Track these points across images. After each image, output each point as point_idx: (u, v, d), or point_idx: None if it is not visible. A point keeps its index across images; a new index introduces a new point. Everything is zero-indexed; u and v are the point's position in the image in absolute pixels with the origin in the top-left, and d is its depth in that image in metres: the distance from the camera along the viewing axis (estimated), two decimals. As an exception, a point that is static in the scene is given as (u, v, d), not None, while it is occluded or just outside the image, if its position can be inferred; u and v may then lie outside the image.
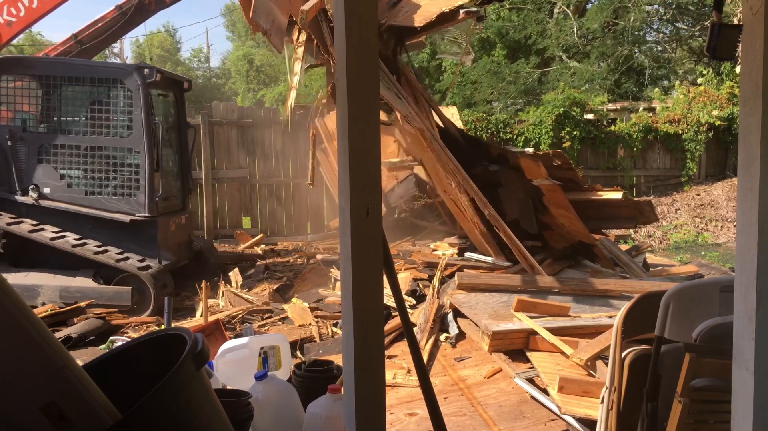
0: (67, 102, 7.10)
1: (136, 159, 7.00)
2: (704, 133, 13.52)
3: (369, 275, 1.47)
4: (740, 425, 1.59)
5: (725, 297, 2.08)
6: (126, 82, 6.86)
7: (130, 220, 6.91)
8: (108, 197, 7.02)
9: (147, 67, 6.95)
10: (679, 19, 19.05)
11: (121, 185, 7.04)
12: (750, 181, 1.52)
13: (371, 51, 1.44)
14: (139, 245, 7.00)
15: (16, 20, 6.89)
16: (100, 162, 7.04)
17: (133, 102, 6.89)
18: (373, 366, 1.50)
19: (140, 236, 7.02)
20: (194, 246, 8.13)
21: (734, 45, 1.71)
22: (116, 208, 6.97)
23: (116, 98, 6.97)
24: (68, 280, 6.70)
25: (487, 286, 5.84)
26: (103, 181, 7.05)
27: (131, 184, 7.01)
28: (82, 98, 7.05)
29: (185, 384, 1.30)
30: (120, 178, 7.06)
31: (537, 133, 12.65)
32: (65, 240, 6.75)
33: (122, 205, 6.99)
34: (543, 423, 3.85)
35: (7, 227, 6.67)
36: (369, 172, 1.46)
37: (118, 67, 7.04)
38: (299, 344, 5.36)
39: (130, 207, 6.98)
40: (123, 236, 6.98)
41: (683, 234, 11.47)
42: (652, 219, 7.61)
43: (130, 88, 6.87)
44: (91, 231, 6.97)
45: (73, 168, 7.07)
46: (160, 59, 30.28)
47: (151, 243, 7.04)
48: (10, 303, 1.20)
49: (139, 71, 6.85)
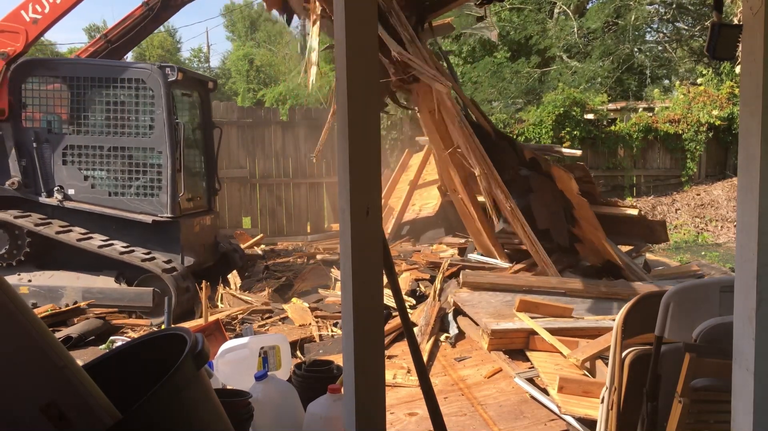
0: (90, 103, 7.09)
1: (158, 159, 6.99)
2: (704, 133, 13.52)
3: (369, 275, 1.47)
4: (740, 425, 1.59)
5: (725, 297, 2.08)
6: (148, 81, 6.86)
7: (152, 221, 6.89)
8: (131, 198, 7.02)
9: (169, 66, 6.96)
10: (679, 18, 19.05)
11: (144, 186, 7.03)
12: (750, 181, 1.52)
13: (371, 51, 1.44)
14: (162, 246, 6.97)
15: (41, 17, 6.89)
16: (123, 162, 7.05)
17: (155, 102, 6.88)
18: (373, 366, 1.50)
19: (163, 237, 6.99)
20: (220, 248, 8.03)
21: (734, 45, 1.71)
22: (139, 209, 6.97)
23: (139, 98, 6.97)
24: (91, 281, 6.69)
25: (491, 285, 5.82)
26: (126, 181, 7.05)
27: (153, 184, 7.00)
28: (105, 99, 7.05)
29: (185, 384, 1.30)
30: (143, 178, 7.06)
31: (537, 132, 12.65)
32: (89, 242, 6.73)
33: (145, 205, 6.98)
34: (543, 423, 3.85)
35: (35, 228, 6.68)
36: (369, 172, 1.46)
37: (140, 67, 7.02)
38: (299, 344, 5.37)
39: (153, 207, 6.96)
40: (147, 237, 6.97)
41: (683, 234, 11.47)
42: (663, 239, 7.50)
43: (152, 88, 6.87)
44: (116, 232, 6.97)
45: (97, 169, 7.08)
46: (160, 59, 30.26)
47: (174, 244, 7.02)
48: (9, 303, 1.20)
49: (161, 71, 6.85)
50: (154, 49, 30.54)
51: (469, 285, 5.80)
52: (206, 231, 7.72)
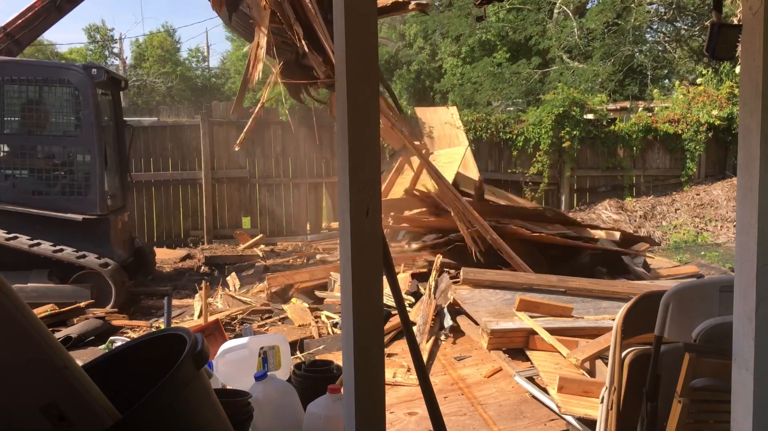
0: (14, 102, 7.06)
1: (86, 158, 7.00)
2: (704, 133, 13.51)
3: (369, 275, 1.47)
4: (740, 425, 1.59)
5: (725, 297, 2.08)
6: (74, 82, 6.85)
7: (82, 219, 6.90)
8: (57, 197, 7.00)
9: (95, 66, 6.99)
10: (678, 18, 19.05)
11: (71, 184, 7.03)
12: (750, 181, 1.52)
13: (371, 51, 1.44)
14: (92, 243, 6.99)
15: None
16: (48, 162, 7.04)
17: (81, 102, 6.87)
18: (372, 365, 1.50)
19: (93, 234, 7.02)
20: (135, 244, 8.18)
21: (734, 45, 1.71)
22: (66, 208, 6.95)
23: (64, 98, 6.97)
24: (23, 279, 6.66)
25: (491, 283, 5.82)
26: (51, 180, 7.04)
27: (81, 183, 7.00)
28: (29, 98, 7.03)
29: (185, 384, 1.30)
30: (69, 177, 7.06)
31: (537, 132, 12.64)
32: (19, 241, 6.70)
33: (72, 204, 6.97)
34: (543, 423, 3.85)
35: None
36: (369, 172, 1.46)
37: (66, 67, 7.07)
38: (299, 344, 5.36)
39: (81, 206, 6.96)
40: (75, 235, 6.96)
41: (683, 235, 11.47)
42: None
43: (78, 89, 6.85)
44: (41, 231, 6.92)
45: (20, 168, 7.06)
46: (160, 59, 30.24)
47: (104, 241, 7.07)
48: (9, 303, 1.19)
49: (87, 71, 6.86)
50: (154, 50, 30.50)
51: (469, 283, 5.80)
52: (125, 228, 7.84)
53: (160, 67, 29.63)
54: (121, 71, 27.38)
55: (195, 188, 10.89)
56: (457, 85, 17.74)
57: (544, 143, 12.55)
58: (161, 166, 10.77)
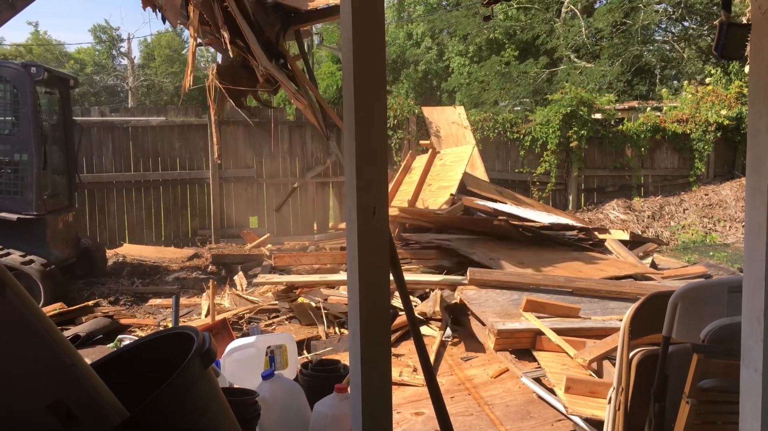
0: None
1: (23, 157, 6.92)
2: (712, 133, 13.44)
3: (376, 274, 1.47)
4: (748, 426, 1.58)
5: (733, 297, 2.07)
6: (13, 80, 6.80)
7: (17, 219, 6.84)
8: None
9: (34, 65, 6.91)
10: (687, 18, 18.95)
11: (6, 183, 6.96)
12: (758, 181, 1.51)
13: (379, 52, 1.44)
14: (27, 243, 6.90)
15: None
16: None
17: (20, 100, 6.81)
18: (379, 365, 1.50)
19: (28, 234, 6.94)
20: (82, 244, 8.08)
21: (743, 44, 1.70)
22: (2, 207, 6.89)
23: (2, 96, 6.89)
24: None
25: (498, 283, 5.80)
26: None
27: (17, 182, 6.93)
28: None
29: (193, 383, 1.31)
30: (5, 176, 6.98)
31: (544, 132, 12.60)
32: None
33: (7, 203, 6.90)
34: (550, 424, 3.84)
35: None
36: (376, 172, 1.46)
37: (4, 65, 6.99)
38: (306, 343, 5.37)
39: (17, 205, 6.89)
40: (9, 235, 6.88)
41: (691, 235, 11.42)
42: None
43: (16, 86, 6.80)
44: None
45: None
46: (168, 59, 30.36)
47: (40, 241, 6.98)
48: (19, 302, 1.20)
49: (26, 69, 6.80)
50: (162, 49, 30.65)
51: (476, 283, 5.79)
52: (69, 227, 7.74)
53: (168, 66, 29.74)
54: (130, 71, 27.51)
55: (202, 187, 10.92)
56: (464, 84, 17.71)
57: (551, 143, 12.51)
58: (169, 165, 10.81)
